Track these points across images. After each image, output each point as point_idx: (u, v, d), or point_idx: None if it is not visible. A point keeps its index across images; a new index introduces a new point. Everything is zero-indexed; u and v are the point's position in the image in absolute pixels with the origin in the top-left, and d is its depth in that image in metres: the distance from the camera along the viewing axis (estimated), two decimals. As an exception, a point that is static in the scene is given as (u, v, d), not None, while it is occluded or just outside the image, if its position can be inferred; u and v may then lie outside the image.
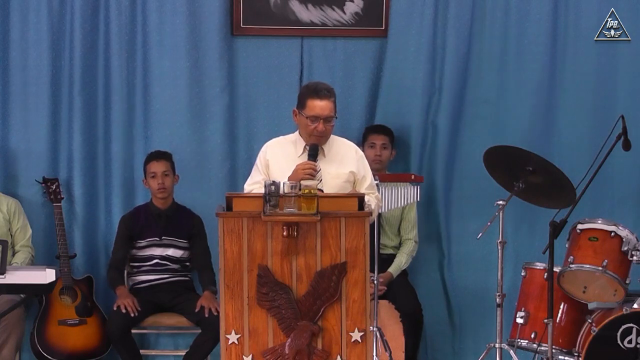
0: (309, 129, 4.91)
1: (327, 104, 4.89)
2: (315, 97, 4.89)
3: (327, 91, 4.92)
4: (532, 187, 5.43)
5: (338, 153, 5.00)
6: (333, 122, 4.95)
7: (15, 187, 6.18)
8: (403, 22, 6.29)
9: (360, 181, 4.99)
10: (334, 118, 4.93)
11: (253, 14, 6.27)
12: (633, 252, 5.36)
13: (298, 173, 4.79)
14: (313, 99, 4.89)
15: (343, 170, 4.95)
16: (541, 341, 5.41)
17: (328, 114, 4.89)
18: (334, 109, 4.93)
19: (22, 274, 4.92)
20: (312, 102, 4.89)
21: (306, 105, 4.91)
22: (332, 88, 5.00)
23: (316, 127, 4.88)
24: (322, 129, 4.89)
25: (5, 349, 5.70)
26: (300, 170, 4.81)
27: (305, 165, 4.84)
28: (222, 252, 4.48)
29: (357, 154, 5.06)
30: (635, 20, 6.30)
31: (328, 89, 4.95)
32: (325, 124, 4.89)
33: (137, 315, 5.73)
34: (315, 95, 4.89)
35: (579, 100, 6.33)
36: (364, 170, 5.02)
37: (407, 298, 5.93)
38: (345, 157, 5.00)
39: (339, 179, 4.92)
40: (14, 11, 6.13)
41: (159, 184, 5.93)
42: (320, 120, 4.88)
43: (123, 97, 6.22)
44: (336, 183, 4.85)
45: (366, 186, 4.99)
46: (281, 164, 4.94)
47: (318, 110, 4.88)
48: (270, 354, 4.48)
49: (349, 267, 4.48)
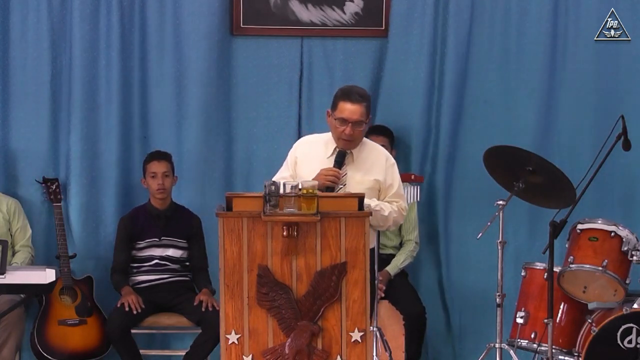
0: (337, 131, 4.88)
1: (358, 108, 4.85)
2: (347, 100, 4.86)
3: (359, 96, 4.88)
4: (532, 187, 5.43)
5: (367, 160, 4.95)
6: (363, 127, 4.90)
7: (15, 187, 6.18)
8: (403, 22, 6.29)
9: (387, 189, 4.94)
10: (364, 123, 4.89)
11: (253, 14, 6.27)
12: (633, 252, 5.37)
13: (321, 177, 4.78)
14: (344, 102, 4.86)
15: (368, 177, 4.91)
16: (541, 341, 5.41)
17: (357, 119, 4.84)
18: (365, 114, 4.88)
19: (22, 274, 4.92)
20: (343, 104, 4.86)
21: (337, 107, 4.88)
22: (366, 94, 4.96)
23: (344, 130, 4.84)
24: (349, 132, 4.84)
25: (5, 349, 5.70)
26: (323, 175, 4.80)
27: (329, 172, 4.82)
28: (222, 252, 4.48)
29: (388, 162, 4.99)
30: (635, 20, 6.30)
31: (361, 93, 4.91)
32: (354, 128, 4.84)
33: (138, 314, 5.73)
34: (347, 98, 4.87)
35: (579, 100, 6.33)
36: (391, 179, 4.96)
37: (410, 300, 5.93)
38: (374, 165, 4.95)
39: (363, 185, 4.86)
40: (14, 11, 6.13)
41: (159, 185, 5.93)
42: (348, 123, 4.83)
43: (123, 97, 6.21)
44: (359, 189, 4.77)
45: (391, 194, 4.95)
46: (310, 162, 4.92)
47: (347, 114, 4.84)
48: (270, 354, 4.48)
49: (349, 267, 4.48)
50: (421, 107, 6.31)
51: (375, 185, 4.92)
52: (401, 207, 4.98)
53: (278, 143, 6.26)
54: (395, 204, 4.95)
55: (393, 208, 4.92)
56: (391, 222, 4.95)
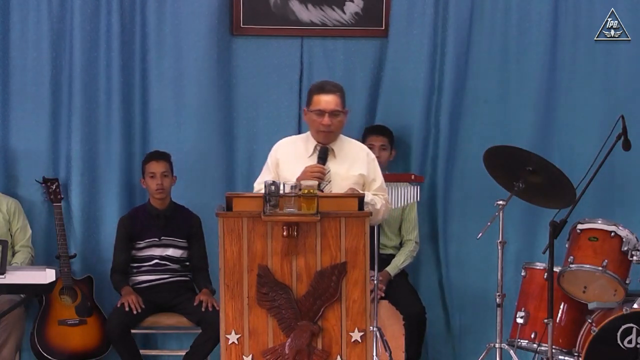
0: (315, 124, 4.95)
1: (333, 97, 4.95)
2: (321, 92, 4.97)
3: (332, 86, 5.01)
4: (532, 187, 5.43)
5: (349, 155, 5.01)
6: (340, 118, 4.98)
7: (15, 187, 6.18)
8: (403, 22, 6.29)
9: (370, 184, 5.01)
10: (341, 113, 4.97)
11: (253, 14, 6.27)
12: (633, 252, 5.37)
13: (306, 175, 4.81)
14: (319, 94, 4.97)
15: (353, 172, 4.97)
16: (541, 341, 5.41)
17: (333, 108, 4.93)
18: (341, 104, 4.98)
19: (22, 274, 4.92)
20: (317, 97, 4.96)
21: (312, 101, 4.98)
22: (339, 84, 5.07)
23: (322, 122, 4.92)
24: (327, 122, 4.92)
25: (5, 349, 5.70)
26: (309, 172, 4.84)
27: (314, 168, 4.87)
28: (222, 252, 4.48)
29: (369, 157, 5.07)
30: (635, 20, 6.30)
31: (334, 84, 5.04)
32: (332, 117, 4.93)
33: (138, 314, 5.73)
34: (321, 90, 4.98)
35: (579, 100, 6.33)
36: (374, 173, 5.03)
37: (410, 300, 5.92)
38: (356, 159, 5.01)
39: (348, 180, 4.92)
40: (14, 11, 6.13)
41: (158, 185, 5.92)
42: (325, 114, 4.92)
43: (123, 97, 6.21)
44: (346, 185, 4.85)
45: (375, 188, 5.01)
46: (291, 163, 4.96)
47: (323, 105, 4.93)
48: (270, 354, 4.48)
49: (349, 267, 4.48)
50: (421, 107, 6.31)
51: (360, 180, 4.98)
52: (387, 200, 5.08)
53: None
54: (382, 196, 5.01)
55: (382, 201, 4.99)
56: (381, 215, 5.03)
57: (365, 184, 5.00)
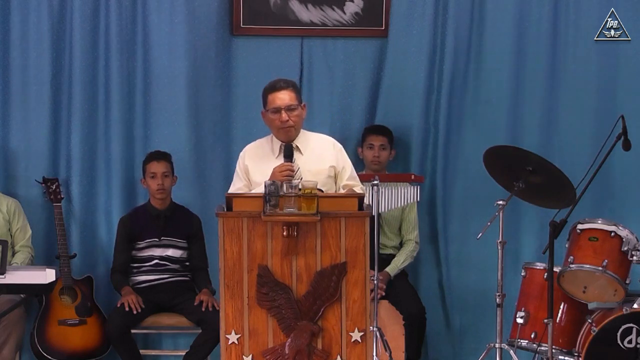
0: (274, 122, 4.96)
1: (286, 93, 4.95)
2: (273, 90, 4.98)
3: (284, 82, 5.01)
4: (532, 187, 5.42)
5: (315, 149, 5.00)
6: (298, 111, 4.97)
7: (15, 187, 6.18)
8: (403, 22, 6.29)
9: (341, 173, 5.00)
10: (298, 107, 4.97)
11: (253, 14, 6.27)
12: (633, 252, 5.36)
13: (276, 176, 4.80)
14: (271, 93, 4.98)
15: (322, 166, 4.96)
16: (541, 341, 5.41)
17: (288, 102, 4.94)
18: (296, 98, 4.97)
19: (22, 274, 4.92)
20: (271, 95, 4.98)
21: (267, 101, 4.99)
22: (290, 80, 5.09)
23: (279, 118, 4.92)
24: (285, 118, 4.92)
25: (5, 349, 5.70)
26: (278, 172, 4.83)
27: (282, 167, 4.85)
28: (222, 252, 4.48)
29: (335, 147, 5.06)
30: (635, 20, 6.30)
31: (285, 80, 5.04)
32: (289, 113, 4.93)
33: (138, 314, 5.73)
34: (273, 89, 4.99)
35: (579, 100, 6.33)
36: (343, 162, 5.03)
37: (410, 300, 5.92)
38: (323, 153, 5.00)
39: (320, 175, 4.90)
40: (14, 11, 6.13)
41: (159, 185, 5.92)
42: (281, 110, 4.93)
43: (123, 97, 6.22)
44: (317, 180, 4.78)
45: (347, 177, 4.99)
46: (260, 166, 4.96)
47: (278, 102, 4.94)
48: (270, 354, 4.48)
49: (349, 267, 4.48)
50: (421, 107, 6.31)
51: (331, 172, 4.98)
52: (362, 189, 5.05)
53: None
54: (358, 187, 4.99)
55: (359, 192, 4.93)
56: None
57: (336, 175, 5.00)
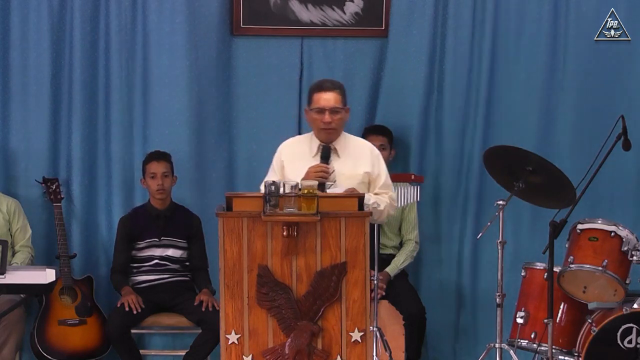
0: (317, 122, 4.96)
1: (332, 94, 4.96)
2: (320, 90, 4.99)
3: (331, 84, 5.02)
4: (532, 187, 5.42)
5: (353, 153, 5.01)
6: (341, 115, 4.99)
7: (15, 187, 6.18)
8: (403, 22, 6.29)
9: (375, 180, 5.00)
10: (342, 110, 4.98)
11: (253, 14, 6.27)
12: (633, 252, 5.36)
13: (310, 176, 4.80)
14: (318, 92, 4.98)
15: (357, 171, 4.97)
16: (541, 341, 5.41)
17: (333, 105, 4.94)
18: (341, 100, 4.99)
19: (22, 274, 4.91)
20: (317, 95, 4.98)
21: (312, 100, 5.00)
22: (338, 82, 5.10)
23: (322, 119, 4.92)
24: (328, 119, 4.93)
25: (5, 349, 5.70)
26: (312, 173, 4.83)
27: (317, 168, 4.86)
28: (222, 252, 4.48)
29: (373, 153, 5.07)
30: (635, 20, 6.30)
31: (333, 82, 5.06)
32: (332, 115, 4.94)
33: (138, 314, 5.73)
34: (320, 88, 5.00)
35: (579, 100, 6.33)
36: (378, 169, 5.03)
37: (411, 301, 5.92)
38: (360, 157, 5.00)
39: (354, 179, 4.92)
40: (14, 11, 6.13)
41: (159, 185, 5.92)
42: (325, 111, 4.92)
43: (123, 97, 6.22)
44: (350, 184, 4.83)
45: (380, 185, 5.00)
46: (296, 164, 4.96)
47: (323, 102, 4.95)
48: (270, 354, 4.48)
49: (349, 267, 4.48)
50: (421, 107, 6.31)
51: (365, 178, 4.98)
52: (392, 197, 5.07)
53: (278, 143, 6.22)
54: (386, 195, 5.00)
55: (386, 201, 4.98)
56: (385, 216, 5.04)
57: (370, 182, 5.00)
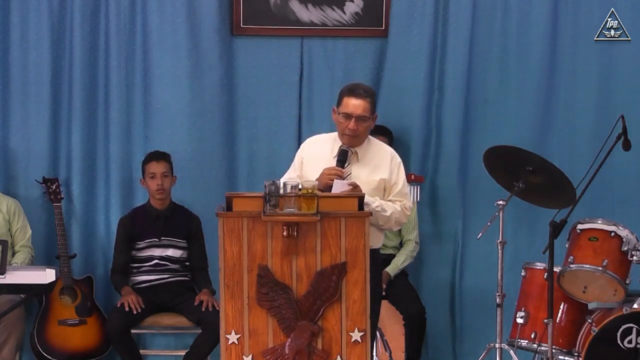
0: (342, 126, 4.90)
1: (362, 102, 4.87)
2: (351, 95, 4.89)
3: (364, 91, 4.92)
4: (532, 187, 5.43)
5: (373, 159, 4.95)
6: (367, 123, 4.91)
7: (15, 187, 6.18)
8: (403, 22, 6.29)
9: (390, 187, 4.93)
10: (368, 119, 4.90)
11: (253, 14, 6.27)
12: (633, 252, 5.36)
13: (323, 177, 4.77)
14: (349, 97, 4.89)
15: (374, 177, 4.90)
16: (541, 341, 5.41)
17: (361, 113, 4.86)
18: (370, 110, 4.89)
19: (22, 274, 4.92)
20: (347, 99, 4.89)
21: (342, 103, 4.91)
22: (372, 90, 5.02)
23: (348, 125, 4.86)
24: (353, 127, 4.86)
25: (5, 349, 5.70)
26: (326, 174, 4.79)
27: (332, 171, 4.81)
28: (222, 252, 4.48)
29: (394, 161, 4.98)
30: (635, 20, 6.31)
31: (366, 89, 4.95)
32: (358, 123, 4.86)
33: (138, 314, 5.73)
34: (351, 93, 4.90)
35: (579, 100, 6.33)
36: (396, 177, 4.95)
37: (411, 301, 5.91)
38: (380, 164, 4.94)
39: (369, 185, 4.84)
40: (14, 11, 6.13)
41: (158, 185, 5.92)
42: (352, 118, 4.86)
43: (123, 97, 6.22)
44: (365, 189, 4.75)
45: (395, 193, 4.93)
46: (315, 162, 4.92)
47: (351, 108, 4.87)
48: (270, 354, 4.48)
49: (349, 267, 4.48)
50: (421, 107, 6.31)
51: (380, 185, 4.91)
52: (405, 206, 4.95)
53: (278, 143, 6.28)
54: (399, 203, 4.92)
55: (396, 208, 4.88)
56: (393, 222, 4.92)
57: (385, 189, 4.93)
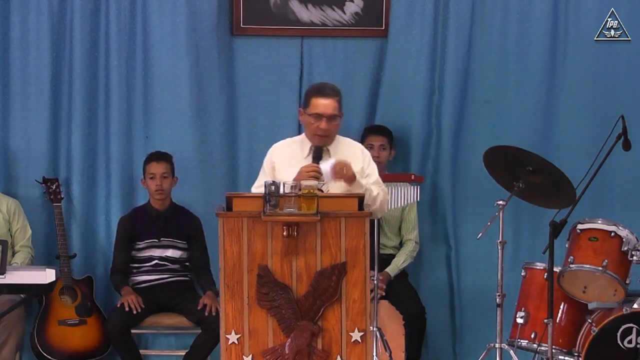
0: (312, 127, 4.90)
1: (331, 102, 4.88)
2: (320, 95, 4.89)
3: (331, 90, 4.93)
4: (532, 187, 5.42)
5: (344, 154, 4.95)
6: (337, 122, 4.93)
7: (15, 187, 6.18)
8: (403, 22, 6.29)
9: (366, 178, 4.95)
10: (338, 117, 4.92)
11: (253, 14, 6.27)
12: (633, 252, 5.36)
13: (302, 175, 4.77)
14: (317, 97, 4.89)
15: None
16: (541, 341, 5.41)
17: (331, 112, 4.88)
18: (338, 108, 4.92)
19: (22, 274, 4.92)
20: (316, 100, 4.89)
21: (310, 104, 4.90)
22: (337, 88, 5.00)
23: (319, 126, 4.87)
24: (325, 127, 4.87)
25: (5, 349, 5.70)
26: (304, 172, 4.79)
27: (309, 168, 4.81)
28: (222, 252, 4.48)
29: (364, 154, 5.03)
30: (635, 20, 6.31)
31: (333, 88, 4.96)
32: (329, 122, 4.87)
33: (138, 314, 5.73)
34: (319, 93, 4.90)
35: (579, 100, 6.33)
36: (369, 168, 4.99)
37: (411, 301, 5.92)
38: (351, 158, 4.95)
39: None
40: (14, 11, 6.13)
41: (157, 186, 5.92)
42: (323, 118, 4.86)
43: (123, 97, 6.22)
44: (342, 185, 4.80)
45: (371, 182, 4.96)
46: (287, 165, 4.92)
47: (321, 108, 4.87)
48: (270, 354, 4.48)
49: (349, 267, 4.48)
50: (421, 107, 6.31)
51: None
52: (385, 191, 5.01)
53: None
54: (379, 187, 4.96)
55: (380, 191, 4.93)
56: (378, 203, 4.93)
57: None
